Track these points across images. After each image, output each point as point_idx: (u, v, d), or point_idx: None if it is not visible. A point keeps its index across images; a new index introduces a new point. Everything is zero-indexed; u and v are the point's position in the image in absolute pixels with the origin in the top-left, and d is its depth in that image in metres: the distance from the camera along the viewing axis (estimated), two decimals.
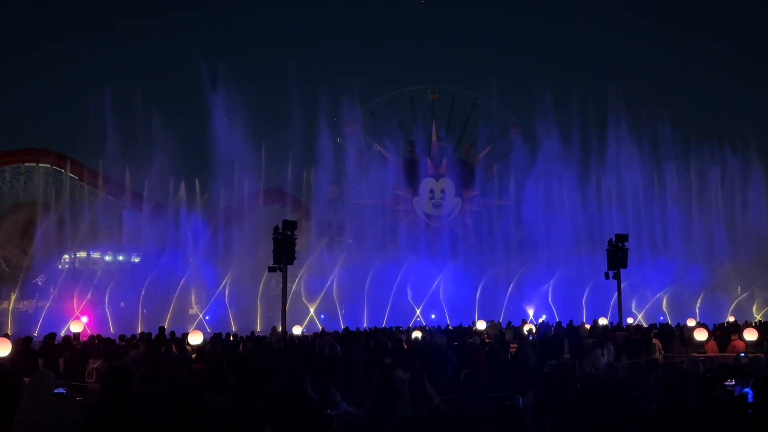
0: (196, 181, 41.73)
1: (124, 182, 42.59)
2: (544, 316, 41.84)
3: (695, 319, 32.58)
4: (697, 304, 43.41)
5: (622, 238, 34.19)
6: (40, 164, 55.67)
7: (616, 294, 34.56)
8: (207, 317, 38.86)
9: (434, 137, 63.49)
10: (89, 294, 37.49)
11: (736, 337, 19.44)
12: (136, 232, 39.62)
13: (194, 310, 39.09)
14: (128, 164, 41.53)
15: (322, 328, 30.58)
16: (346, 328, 29.05)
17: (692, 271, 44.47)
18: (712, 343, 20.30)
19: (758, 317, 41.00)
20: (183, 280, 38.18)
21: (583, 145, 51.08)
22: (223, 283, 39.29)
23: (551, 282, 46.17)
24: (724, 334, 23.01)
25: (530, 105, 56.04)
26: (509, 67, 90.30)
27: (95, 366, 13.91)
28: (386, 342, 19.43)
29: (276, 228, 28.53)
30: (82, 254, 40.72)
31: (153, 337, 20.39)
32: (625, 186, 49.18)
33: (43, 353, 15.62)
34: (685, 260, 45.58)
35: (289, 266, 28.81)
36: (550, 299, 46.13)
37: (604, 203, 48.16)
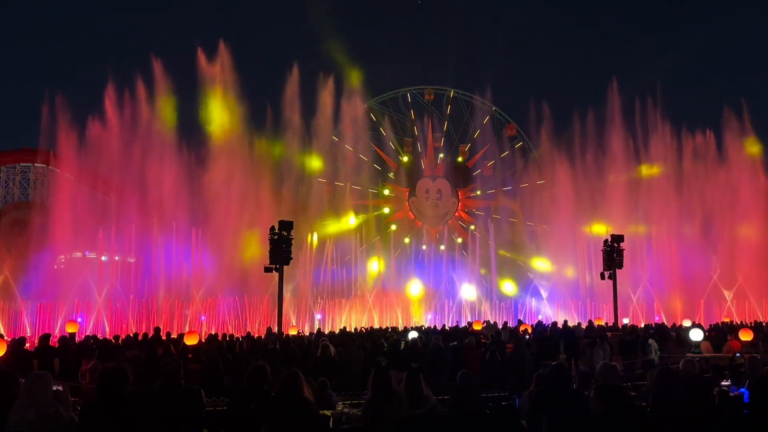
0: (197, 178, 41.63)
1: (120, 183, 42.50)
2: (540, 317, 42.00)
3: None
4: None
5: (618, 238, 34.25)
6: (36, 164, 55.59)
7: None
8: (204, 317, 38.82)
9: (430, 138, 63.59)
10: (84, 294, 37.42)
11: (732, 337, 19.51)
12: (133, 233, 39.53)
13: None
14: (125, 164, 41.45)
15: (319, 328, 30.55)
16: (343, 328, 29.05)
17: None
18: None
19: None
20: None
21: (581, 146, 51.15)
22: None
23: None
24: (719, 334, 23.09)
25: (527, 106, 56.15)
26: (505, 67, 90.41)
27: (89, 367, 13.85)
28: (382, 342, 19.44)
29: (272, 228, 28.49)
30: (78, 254, 40.57)
31: (149, 337, 20.37)
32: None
33: (37, 354, 15.56)
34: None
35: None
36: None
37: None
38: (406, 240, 55.17)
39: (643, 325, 29.59)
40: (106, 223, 39.50)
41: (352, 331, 28.59)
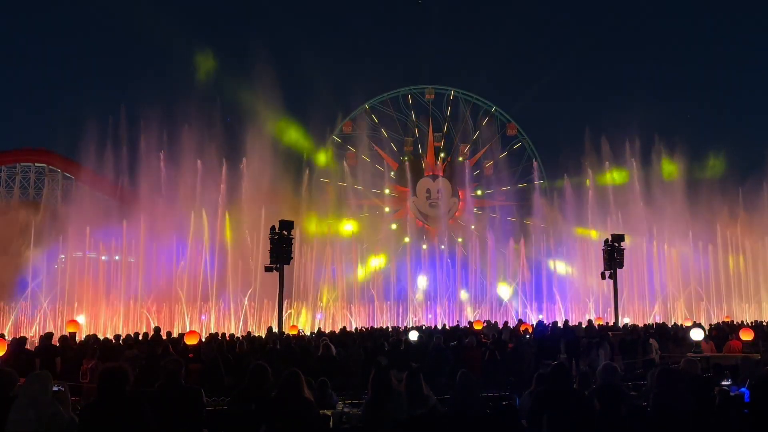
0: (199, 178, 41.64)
1: (121, 182, 42.56)
2: (540, 316, 42.04)
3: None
4: None
5: (618, 237, 34.23)
6: (36, 164, 55.68)
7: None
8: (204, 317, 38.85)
9: (431, 137, 63.63)
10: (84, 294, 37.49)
11: (733, 337, 19.50)
12: (132, 233, 39.58)
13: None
14: (125, 164, 41.56)
15: (319, 328, 30.57)
16: (343, 328, 29.05)
17: None
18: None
19: None
20: None
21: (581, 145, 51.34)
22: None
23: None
24: (720, 334, 23.07)
25: (526, 105, 56.47)
26: (506, 67, 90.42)
27: (90, 366, 13.86)
28: (382, 342, 19.44)
29: (272, 228, 28.48)
30: (78, 254, 40.56)
31: (149, 337, 20.38)
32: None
33: (39, 353, 15.57)
34: None
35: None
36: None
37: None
38: (406, 240, 55.14)
39: (643, 325, 29.60)
40: (107, 223, 39.60)
41: (353, 330, 28.61)
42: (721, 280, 47.76)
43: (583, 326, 27.90)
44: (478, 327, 26.94)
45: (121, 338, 20.85)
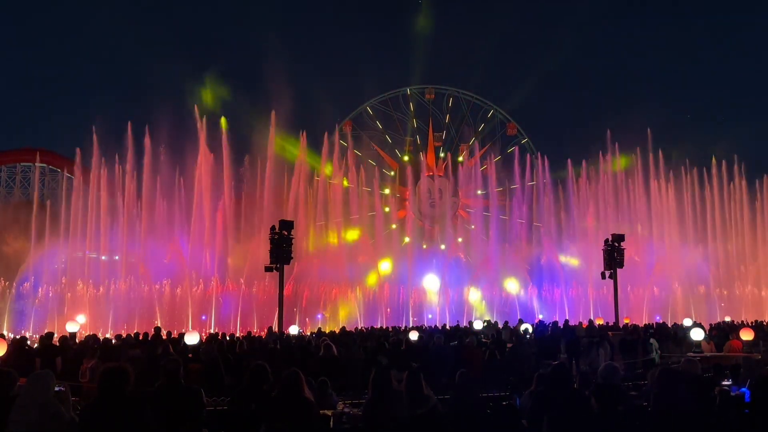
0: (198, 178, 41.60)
1: (121, 182, 42.55)
2: (540, 316, 42.01)
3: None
4: None
5: (619, 237, 34.19)
6: (36, 164, 55.74)
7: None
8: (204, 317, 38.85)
9: (431, 137, 63.62)
10: (85, 293, 37.50)
11: (733, 336, 19.50)
12: (132, 232, 39.63)
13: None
14: (126, 164, 41.55)
15: (319, 328, 30.52)
16: (343, 328, 29.01)
17: None
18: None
19: None
20: None
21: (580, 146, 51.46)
22: None
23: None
24: (720, 334, 23.07)
25: (526, 105, 56.58)
26: (506, 67, 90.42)
27: (90, 366, 13.84)
28: (383, 342, 19.42)
29: (272, 228, 28.47)
30: (79, 253, 40.58)
31: (149, 337, 20.36)
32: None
33: (39, 353, 15.56)
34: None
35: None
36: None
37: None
38: (406, 239, 55.11)
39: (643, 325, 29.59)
40: (108, 223, 39.65)
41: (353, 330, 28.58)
42: (721, 266, 48.13)
43: (584, 326, 27.90)
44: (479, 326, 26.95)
45: (122, 337, 20.84)
